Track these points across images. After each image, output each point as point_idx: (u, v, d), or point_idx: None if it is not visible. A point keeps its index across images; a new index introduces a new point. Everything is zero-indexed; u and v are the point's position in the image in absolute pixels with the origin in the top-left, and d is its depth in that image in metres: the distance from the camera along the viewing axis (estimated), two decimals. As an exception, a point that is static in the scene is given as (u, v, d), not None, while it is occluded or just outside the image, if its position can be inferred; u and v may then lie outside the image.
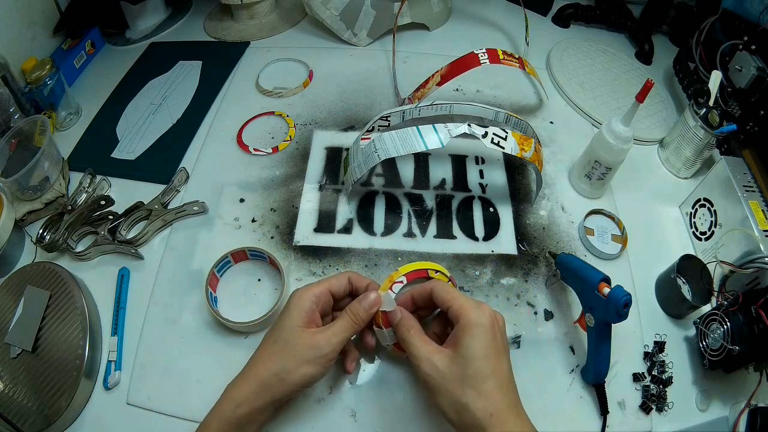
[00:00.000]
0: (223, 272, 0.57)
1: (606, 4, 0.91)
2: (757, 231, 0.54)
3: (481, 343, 0.39)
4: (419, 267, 0.49)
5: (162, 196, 0.63)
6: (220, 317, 0.52)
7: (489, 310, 0.41)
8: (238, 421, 0.41)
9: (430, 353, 0.40)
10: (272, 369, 0.42)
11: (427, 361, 0.40)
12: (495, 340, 0.40)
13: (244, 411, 0.41)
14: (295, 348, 0.42)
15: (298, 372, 0.42)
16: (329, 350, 0.42)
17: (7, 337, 0.51)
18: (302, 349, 0.42)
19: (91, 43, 0.85)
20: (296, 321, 0.43)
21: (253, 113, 0.74)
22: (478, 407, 0.37)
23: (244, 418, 0.41)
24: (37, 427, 0.47)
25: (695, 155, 0.67)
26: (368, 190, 0.66)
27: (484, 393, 0.37)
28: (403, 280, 0.47)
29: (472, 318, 0.40)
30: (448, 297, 0.43)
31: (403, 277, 0.47)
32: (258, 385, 0.42)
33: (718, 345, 0.49)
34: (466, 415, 0.37)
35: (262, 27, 0.89)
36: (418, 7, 0.84)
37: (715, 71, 0.66)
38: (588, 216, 0.63)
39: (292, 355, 0.42)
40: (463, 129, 0.55)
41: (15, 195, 0.63)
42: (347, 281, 0.48)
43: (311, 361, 0.42)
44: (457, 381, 0.38)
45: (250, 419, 0.42)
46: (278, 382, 0.42)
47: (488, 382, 0.38)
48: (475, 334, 0.39)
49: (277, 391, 0.42)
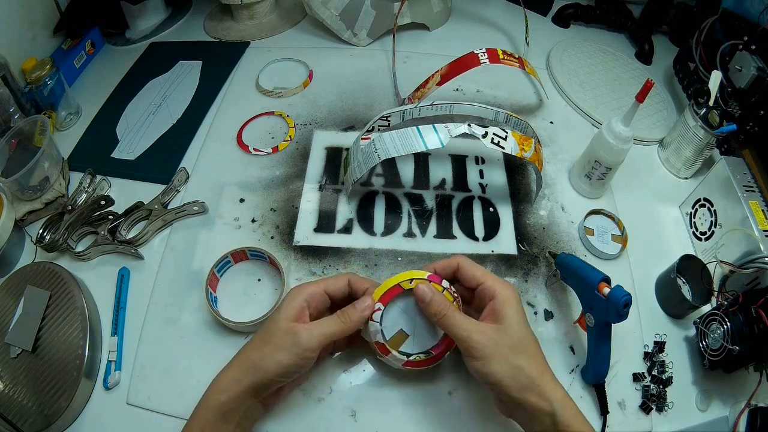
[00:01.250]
0: (223, 272, 0.57)
1: (606, 4, 0.91)
2: (757, 231, 0.54)
3: (518, 314, 0.43)
4: (390, 285, 0.46)
5: (162, 196, 0.63)
6: (220, 317, 0.52)
7: (513, 286, 0.46)
8: (220, 408, 0.41)
9: (478, 326, 0.43)
10: (251, 357, 0.43)
11: (478, 333, 0.42)
12: (524, 313, 0.45)
13: (224, 398, 0.42)
14: (273, 337, 0.43)
15: (273, 358, 0.42)
16: (306, 340, 0.42)
17: (7, 337, 0.51)
18: (279, 336, 0.43)
19: (91, 43, 0.85)
20: (283, 315, 0.44)
21: (253, 113, 0.74)
22: (531, 368, 0.41)
23: (225, 405, 0.42)
24: (37, 427, 0.47)
25: (695, 155, 0.67)
26: (368, 190, 0.66)
27: (533, 355, 0.42)
28: (380, 307, 0.45)
29: (508, 294, 0.44)
30: (479, 274, 0.46)
31: (379, 304, 0.45)
32: (237, 373, 0.43)
33: (718, 345, 0.49)
34: (522, 376, 0.41)
35: (262, 27, 0.89)
36: (418, 7, 0.84)
37: (715, 71, 0.66)
38: (588, 216, 0.63)
39: (269, 342, 0.43)
40: (463, 129, 0.55)
41: (15, 195, 0.63)
42: (346, 283, 0.48)
43: (286, 349, 0.42)
44: (509, 348, 0.42)
45: (231, 406, 0.42)
46: (254, 369, 0.42)
47: (532, 345, 0.43)
48: (513, 306, 0.43)
49: (254, 378, 0.42)
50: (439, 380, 0.51)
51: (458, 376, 0.51)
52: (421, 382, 0.51)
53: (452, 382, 0.51)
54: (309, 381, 0.51)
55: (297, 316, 0.44)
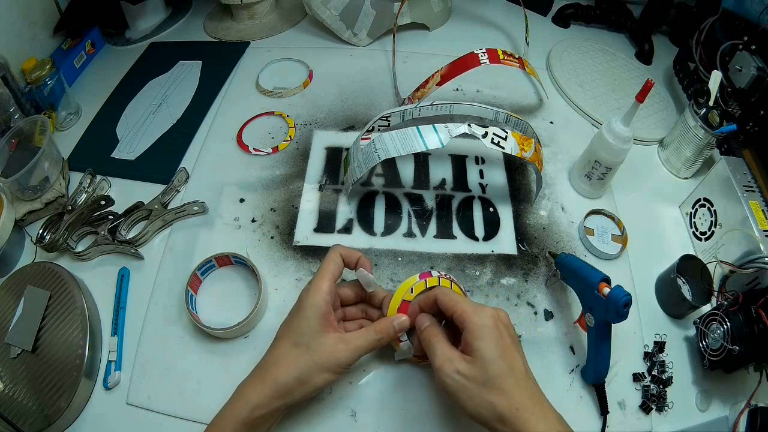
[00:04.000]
0: (206, 275, 0.57)
1: (606, 4, 0.91)
2: (757, 231, 0.54)
3: (491, 344, 0.40)
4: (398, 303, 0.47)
5: (162, 196, 0.63)
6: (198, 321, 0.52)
7: (489, 310, 0.42)
8: (253, 422, 0.41)
9: (454, 359, 0.41)
10: (293, 374, 0.42)
11: (451, 367, 0.41)
12: (502, 338, 0.41)
13: (260, 413, 0.41)
14: (317, 355, 0.43)
15: (320, 378, 0.43)
16: (347, 358, 0.43)
17: (7, 337, 0.51)
18: (324, 357, 0.43)
19: (91, 43, 0.85)
20: (314, 325, 0.44)
21: (253, 113, 0.74)
22: (503, 404, 0.38)
23: (258, 420, 0.42)
24: (37, 427, 0.47)
25: (695, 155, 0.67)
26: (368, 190, 0.66)
27: (507, 391, 0.39)
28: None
29: (475, 322, 0.41)
30: (451, 304, 0.44)
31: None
32: (277, 388, 0.42)
33: (718, 345, 0.49)
34: (493, 413, 0.39)
35: (262, 27, 0.89)
36: (418, 7, 0.84)
37: (715, 71, 0.66)
38: (588, 216, 0.63)
39: (313, 361, 0.43)
40: (463, 129, 0.55)
41: (15, 195, 0.63)
42: (340, 258, 0.48)
43: (330, 369, 0.43)
44: (480, 383, 0.39)
45: (264, 420, 0.42)
46: (298, 386, 0.42)
47: (508, 379, 0.39)
48: (482, 336, 0.41)
49: (297, 394, 0.42)
50: (439, 380, 0.51)
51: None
52: (421, 381, 0.51)
53: (452, 382, 0.51)
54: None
55: (326, 322, 0.44)
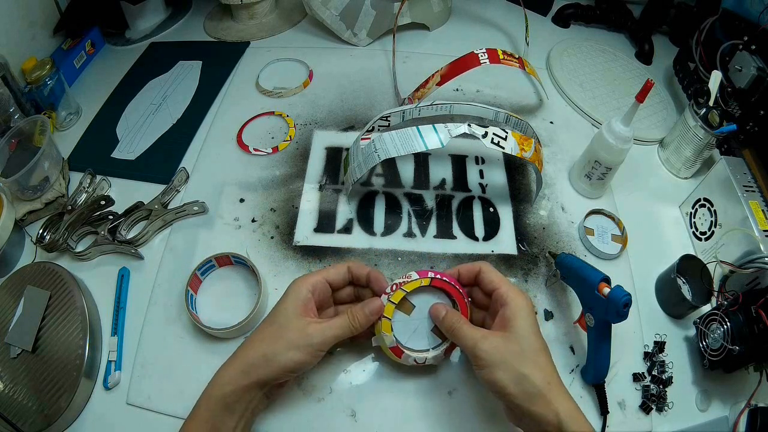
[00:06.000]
0: (206, 275, 0.57)
1: (606, 4, 0.91)
2: (757, 231, 0.54)
3: (529, 323, 0.43)
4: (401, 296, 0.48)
5: (162, 196, 0.63)
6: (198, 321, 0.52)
7: (527, 295, 0.46)
8: (224, 399, 0.42)
9: (485, 335, 0.43)
10: (260, 350, 0.43)
11: (485, 341, 0.43)
12: (536, 321, 0.45)
13: (229, 389, 0.42)
14: (287, 332, 0.43)
15: (286, 356, 0.43)
16: (320, 341, 0.44)
17: (7, 337, 0.51)
18: (293, 335, 0.43)
19: (91, 43, 0.85)
20: (291, 308, 0.44)
21: (253, 113, 0.74)
22: (537, 377, 0.40)
23: (229, 397, 0.42)
24: (37, 427, 0.47)
25: (695, 155, 0.67)
26: (368, 190, 0.66)
27: (540, 365, 0.42)
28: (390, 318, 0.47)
29: (518, 302, 0.44)
30: (497, 280, 0.46)
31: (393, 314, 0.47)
32: (245, 365, 0.43)
33: (718, 345, 0.49)
34: (527, 384, 0.40)
35: (262, 27, 0.89)
36: (418, 7, 0.84)
37: (715, 71, 0.66)
38: (588, 216, 0.63)
39: (282, 338, 0.43)
40: (463, 129, 0.55)
41: (15, 195, 0.63)
42: (346, 271, 0.49)
43: (300, 348, 0.43)
44: (515, 356, 0.41)
45: (235, 398, 0.42)
46: (264, 363, 0.42)
47: (541, 355, 0.42)
48: (523, 315, 0.44)
49: (263, 372, 0.42)
50: (439, 380, 0.51)
51: (458, 376, 0.51)
52: (421, 382, 0.51)
53: (452, 382, 0.51)
54: (309, 381, 0.51)
55: (305, 308, 0.45)
